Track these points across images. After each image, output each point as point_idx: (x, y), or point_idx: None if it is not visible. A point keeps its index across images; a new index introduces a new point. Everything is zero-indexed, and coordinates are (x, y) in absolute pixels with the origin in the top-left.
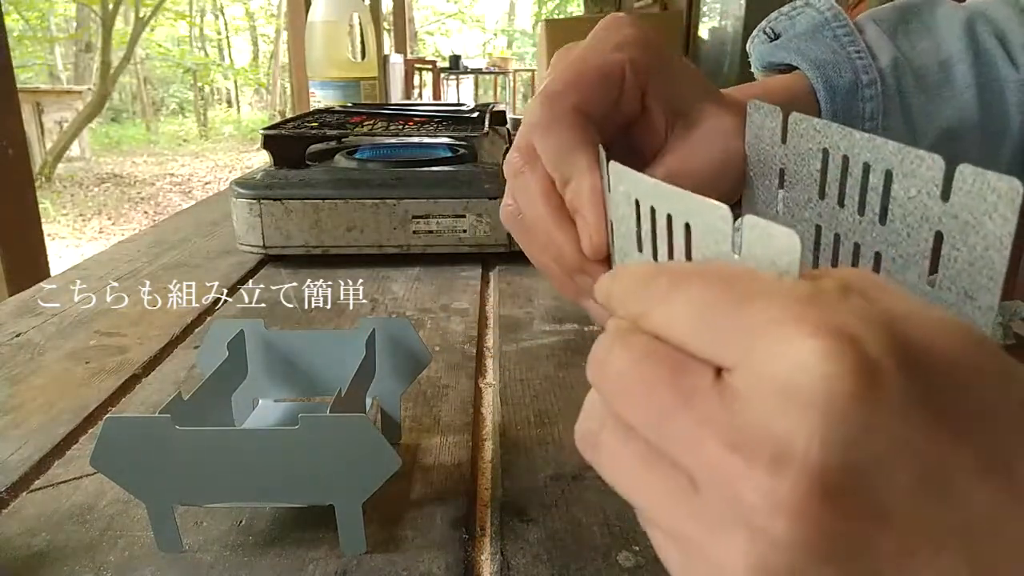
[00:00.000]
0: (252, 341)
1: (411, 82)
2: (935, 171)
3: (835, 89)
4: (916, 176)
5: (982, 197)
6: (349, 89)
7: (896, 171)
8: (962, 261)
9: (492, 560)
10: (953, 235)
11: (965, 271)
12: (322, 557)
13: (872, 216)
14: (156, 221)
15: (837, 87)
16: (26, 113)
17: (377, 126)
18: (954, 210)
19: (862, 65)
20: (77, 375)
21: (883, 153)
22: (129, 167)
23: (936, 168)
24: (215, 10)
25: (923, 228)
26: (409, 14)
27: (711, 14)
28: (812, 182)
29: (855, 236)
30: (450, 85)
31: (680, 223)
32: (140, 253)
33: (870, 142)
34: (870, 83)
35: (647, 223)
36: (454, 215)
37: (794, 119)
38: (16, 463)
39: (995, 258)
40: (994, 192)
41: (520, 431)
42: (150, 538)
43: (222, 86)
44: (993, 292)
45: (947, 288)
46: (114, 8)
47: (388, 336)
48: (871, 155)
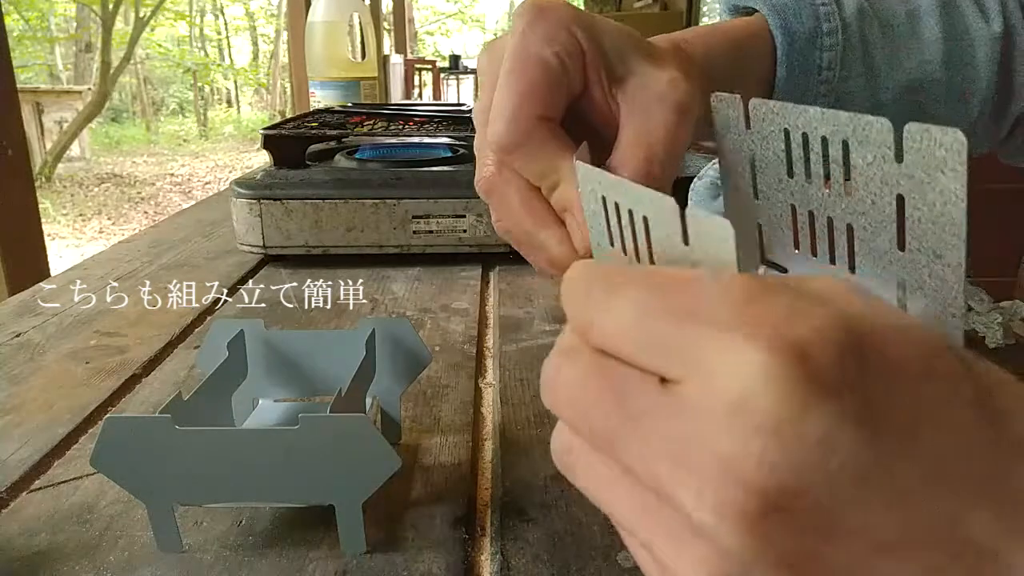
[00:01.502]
0: (252, 341)
1: (411, 82)
2: (884, 134)
3: (793, 35)
4: (870, 142)
5: (931, 153)
6: (349, 89)
7: (851, 140)
8: (925, 220)
9: (492, 560)
10: (913, 195)
11: (929, 230)
12: (322, 557)
13: (838, 188)
14: (156, 221)
15: (796, 33)
16: (26, 113)
17: (377, 126)
18: (909, 170)
19: (824, 12)
20: (77, 375)
21: (838, 124)
22: (129, 167)
23: (885, 131)
24: (215, 10)
25: (885, 193)
26: (409, 14)
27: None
28: (780, 163)
29: (827, 210)
30: (450, 85)
31: (640, 215)
32: (140, 253)
33: (823, 115)
34: (831, 31)
35: (614, 218)
36: (454, 215)
37: (753, 104)
38: (16, 463)
39: (954, 212)
40: (941, 146)
41: (520, 431)
42: (150, 538)
43: (222, 86)
44: (958, 248)
45: (916, 250)
46: (114, 8)
47: (388, 336)
48: (827, 128)
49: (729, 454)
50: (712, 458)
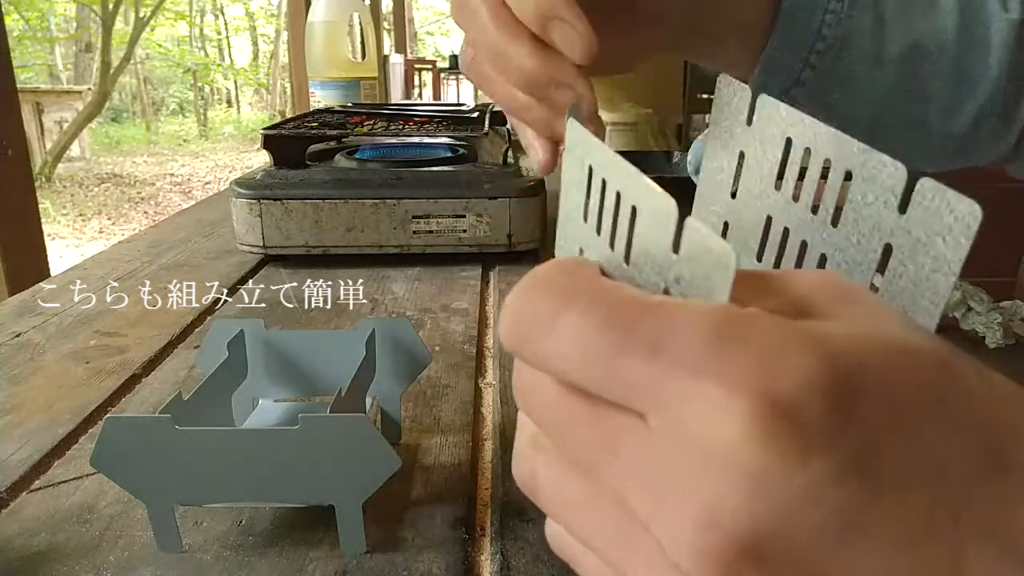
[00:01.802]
0: (252, 341)
1: (411, 82)
2: (896, 180)
3: None
4: (876, 182)
5: (939, 216)
6: (349, 89)
7: (857, 173)
8: (907, 279)
9: (492, 560)
10: (903, 250)
11: (908, 290)
12: (322, 557)
13: (825, 216)
14: (156, 221)
15: None
16: (26, 113)
17: (377, 126)
18: (908, 224)
19: None
20: (77, 375)
21: (846, 152)
22: (129, 167)
23: (897, 177)
24: (215, 10)
25: (874, 238)
26: (409, 14)
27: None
28: (771, 170)
29: (804, 234)
30: (450, 85)
31: (628, 203)
32: (140, 253)
33: (835, 138)
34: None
35: (598, 195)
36: (454, 215)
37: (762, 102)
38: (16, 463)
39: (941, 282)
40: (952, 213)
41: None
42: (150, 538)
43: (222, 86)
44: (933, 316)
45: (887, 302)
46: (114, 8)
47: (388, 336)
48: (834, 152)
49: (709, 501)
50: (691, 502)
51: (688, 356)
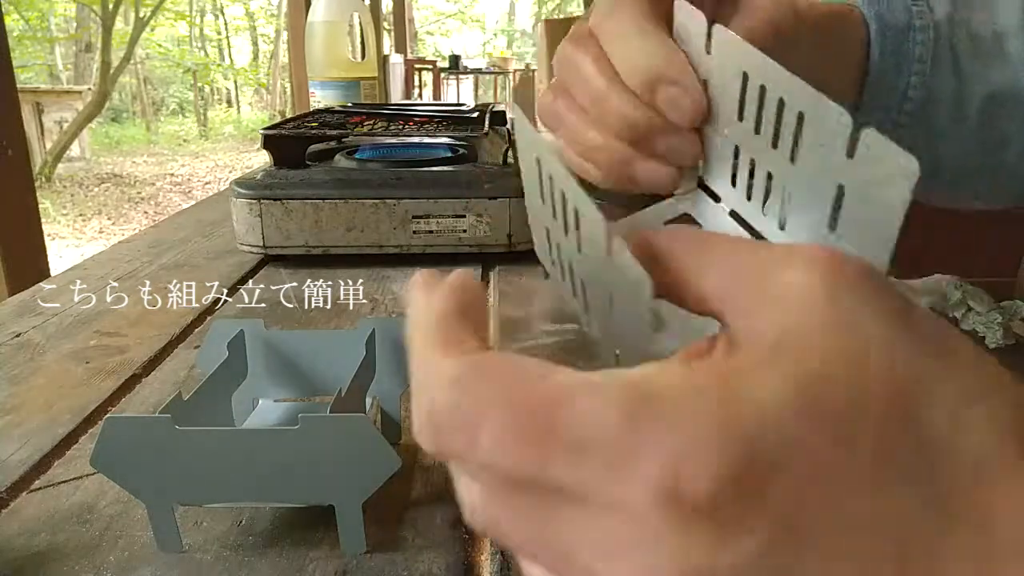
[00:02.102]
0: (252, 341)
1: (411, 82)
2: (843, 128)
3: (886, 25)
4: (824, 128)
5: (883, 164)
6: (349, 89)
7: (808, 115)
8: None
9: (492, 560)
10: (853, 190)
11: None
12: (322, 557)
13: (784, 151)
14: (156, 221)
15: (889, 23)
16: (26, 113)
17: (377, 126)
18: (856, 169)
19: (916, 11)
20: (77, 375)
21: (800, 95)
22: (129, 167)
23: (844, 125)
24: (215, 10)
25: (827, 177)
26: (409, 14)
27: None
28: (732, 100)
29: (768, 165)
30: (450, 85)
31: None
32: (140, 253)
33: (790, 80)
34: (923, 28)
35: (548, 184)
36: (454, 215)
37: (716, 31)
38: (16, 463)
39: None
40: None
41: None
42: (150, 538)
43: (222, 86)
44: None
45: (844, 239)
46: (114, 8)
47: (388, 336)
48: (787, 93)
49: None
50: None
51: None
